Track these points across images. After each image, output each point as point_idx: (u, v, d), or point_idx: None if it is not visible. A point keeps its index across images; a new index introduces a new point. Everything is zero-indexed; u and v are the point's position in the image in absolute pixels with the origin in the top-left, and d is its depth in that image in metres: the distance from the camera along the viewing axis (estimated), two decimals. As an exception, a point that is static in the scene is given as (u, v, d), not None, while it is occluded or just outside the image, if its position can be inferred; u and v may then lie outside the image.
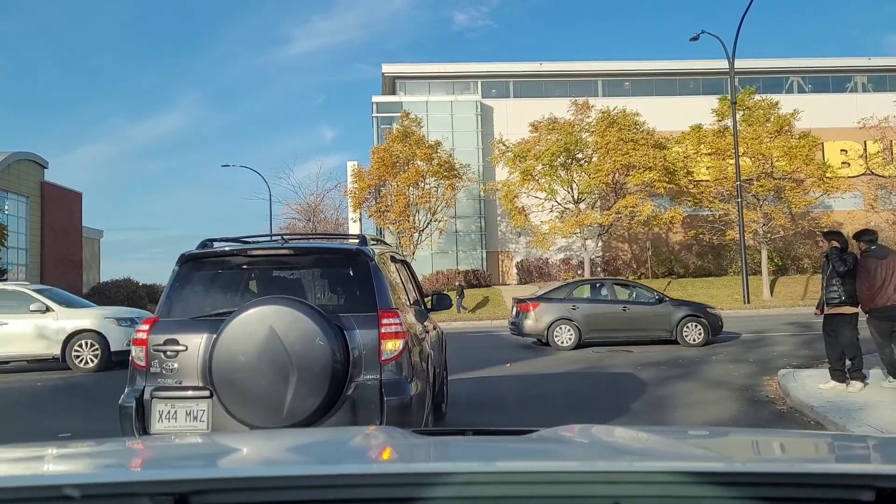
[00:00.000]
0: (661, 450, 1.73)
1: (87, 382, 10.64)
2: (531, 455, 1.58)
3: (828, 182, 32.20)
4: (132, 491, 1.14)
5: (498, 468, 1.34)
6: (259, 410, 3.81)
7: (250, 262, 4.73)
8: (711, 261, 38.03)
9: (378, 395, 4.01)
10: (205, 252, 4.65)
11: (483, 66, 43.24)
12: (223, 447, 1.95)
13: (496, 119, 40.85)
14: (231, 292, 4.64)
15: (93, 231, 54.14)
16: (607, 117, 32.14)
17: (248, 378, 3.80)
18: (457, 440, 1.87)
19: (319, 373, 3.76)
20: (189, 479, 1.20)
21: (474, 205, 40.73)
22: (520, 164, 32.51)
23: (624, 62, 42.99)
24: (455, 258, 40.53)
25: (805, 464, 1.48)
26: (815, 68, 42.69)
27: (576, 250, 37.58)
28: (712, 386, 8.58)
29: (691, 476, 1.14)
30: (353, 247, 4.59)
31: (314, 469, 1.37)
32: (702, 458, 1.55)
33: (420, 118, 34.52)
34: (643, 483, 1.15)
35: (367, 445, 1.83)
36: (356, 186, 33.76)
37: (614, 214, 31.47)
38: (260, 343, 3.78)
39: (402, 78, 43.06)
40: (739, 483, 1.14)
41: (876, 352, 7.38)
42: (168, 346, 4.21)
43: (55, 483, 1.16)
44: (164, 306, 4.47)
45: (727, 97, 35.00)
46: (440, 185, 34.00)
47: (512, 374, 10.26)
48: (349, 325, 4.05)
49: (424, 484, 1.14)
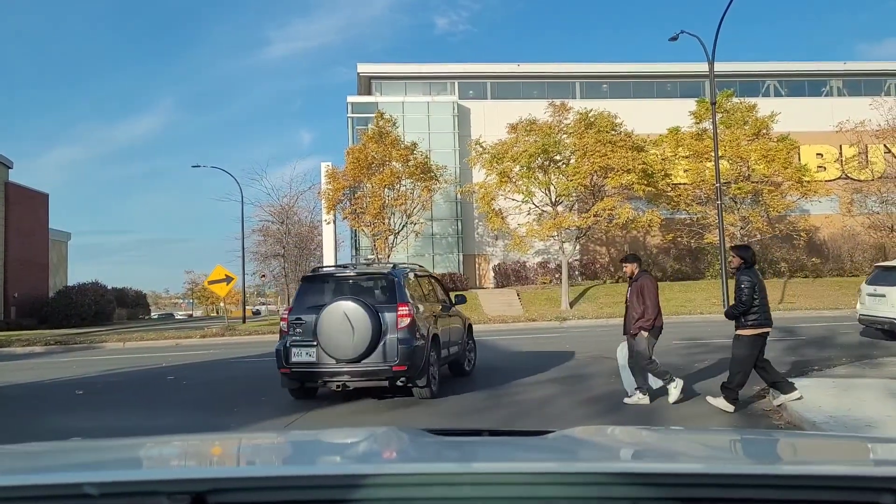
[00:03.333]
0: (677, 451, 1.71)
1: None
2: (546, 456, 1.58)
3: (806, 186, 32.10)
4: (150, 490, 1.15)
5: (512, 468, 1.32)
6: (338, 350, 6.75)
7: (334, 279, 8.80)
8: (689, 264, 37.80)
9: (395, 344, 7.38)
10: (313, 275, 9.07)
11: (460, 67, 42.68)
12: (239, 447, 2.01)
13: (473, 120, 40.33)
14: (325, 294, 8.43)
15: (60, 233, 52.70)
16: (585, 118, 31.74)
17: (332, 335, 6.72)
18: (470, 441, 1.87)
19: (365, 333, 6.56)
20: (206, 478, 1.22)
21: (451, 207, 40.15)
22: (497, 166, 31.96)
23: (602, 64, 42.70)
24: (431, 261, 39.86)
25: (824, 466, 1.44)
26: (792, 72, 42.79)
27: (553, 253, 37.13)
28: (700, 399, 8.03)
29: (709, 478, 1.17)
30: (387, 271, 8.01)
31: (329, 469, 1.40)
32: (720, 460, 1.55)
33: (395, 118, 33.83)
34: (659, 485, 1.15)
35: (382, 445, 1.83)
36: (330, 188, 32.92)
37: (592, 217, 31.02)
38: (338, 318, 6.63)
39: (378, 78, 42.36)
40: (758, 485, 1.14)
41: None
42: (297, 321, 8.12)
43: (74, 481, 1.19)
44: (295, 301, 8.67)
45: (705, 99, 34.82)
46: (416, 187, 33.33)
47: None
48: (382, 310, 7.42)
49: (439, 484, 1.16)
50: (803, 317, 20.36)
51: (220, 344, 19.62)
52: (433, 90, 41.98)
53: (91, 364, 14.85)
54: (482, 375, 10.39)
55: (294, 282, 47.95)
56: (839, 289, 33.97)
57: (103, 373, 12.82)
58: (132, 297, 63.16)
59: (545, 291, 34.66)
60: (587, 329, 19.61)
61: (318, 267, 10.27)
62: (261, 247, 46.98)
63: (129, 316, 58.38)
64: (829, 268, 37.36)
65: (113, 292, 52.45)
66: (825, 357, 11.15)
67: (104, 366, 14.25)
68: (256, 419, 7.39)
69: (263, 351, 16.41)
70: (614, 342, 15.08)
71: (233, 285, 20.83)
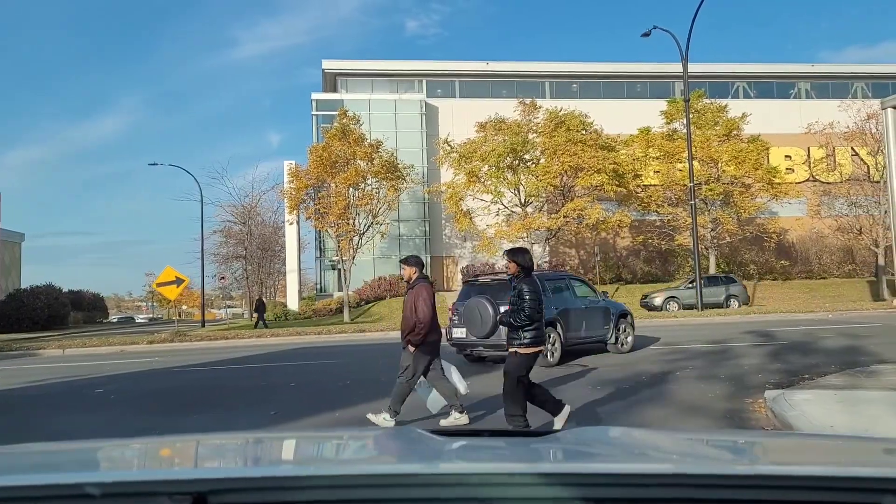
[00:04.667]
0: (679, 452, 1.70)
1: None
2: (547, 456, 1.58)
3: (776, 187, 31.80)
4: (151, 490, 1.15)
5: (514, 469, 1.31)
6: (473, 331, 7.11)
7: (479, 282, 12.31)
8: (659, 266, 37.36)
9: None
10: (468, 279, 13.29)
11: (428, 65, 41.77)
12: (241, 447, 2.02)
13: (441, 119, 39.47)
14: (472, 292, 11.23)
15: (13, 234, 50.49)
16: (555, 117, 31.03)
17: (470, 320, 7.06)
18: (471, 441, 1.82)
19: (489, 319, 6.76)
20: (207, 478, 1.22)
21: (418, 208, 39.21)
22: (465, 165, 31.11)
23: (572, 63, 42.12)
24: (398, 263, 38.85)
25: (825, 467, 1.41)
26: (761, 73, 42.73)
27: (523, 255, 36.44)
28: (687, 411, 7.19)
29: (710, 478, 1.17)
30: (509, 276, 7.68)
31: (332, 469, 1.38)
32: (721, 461, 1.55)
33: (359, 116, 32.74)
34: (661, 485, 1.15)
35: (386, 446, 1.82)
36: (293, 187, 31.68)
37: (562, 218, 30.28)
38: (472, 308, 7.04)
39: (344, 75, 41.23)
40: (760, 486, 1.14)
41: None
42: (455, 310, 12.00)
43: (75, 482, 1.19)
44: (459, 299, 12.24)
45: (676, 99, 34.46)
46: (382, 187, 32.29)
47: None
48: (502, 304, 7.42)
49: (440, 484, 1.16)
50: (779, 320, 19.81)
51: (168, 351, 18.37)
52: (400, 88, 41.01)
53: (19, 374, 13.56)
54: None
55: (256, 284, 46.53)
56: (809, 291, 33.83)
57: (25, 385, 11.56)
58: (89, 300, 60.97)
59: (514, 294, 33.88)
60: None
61: (477, 275, 14.30)
62: (222, 248, 45.47)
63: (86, 320, 56.28)
64: (798, 270, 37.29)
65: (68, 295, 50.44)
66: (811, 364, 10.44)
67: (33, 376, 12.98)
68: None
69: (213, 358, 15.27)
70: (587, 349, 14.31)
71: (184, 287, 19.56)
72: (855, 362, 10.46)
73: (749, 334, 15.40)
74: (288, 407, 8.16)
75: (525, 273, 6.16)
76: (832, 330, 15.98)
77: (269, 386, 10.24)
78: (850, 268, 37.24)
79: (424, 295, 6.82)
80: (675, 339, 14.78)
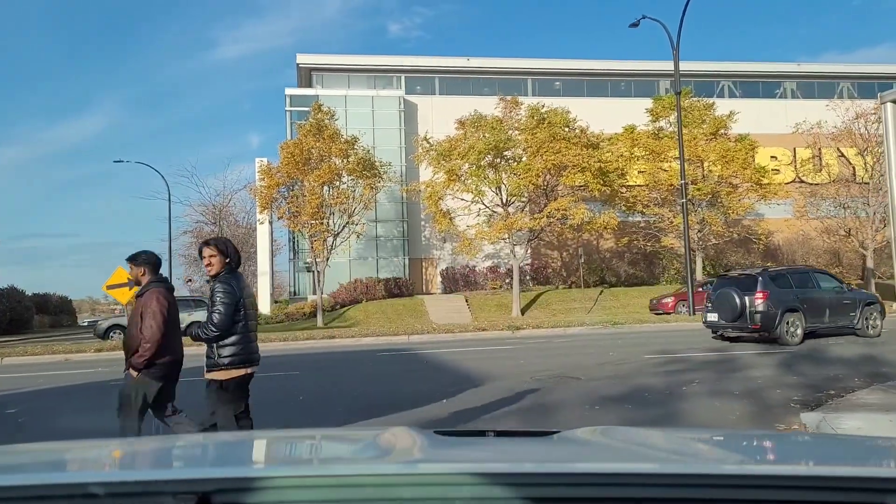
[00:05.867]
0: (682, 451, 1.68)
1: None
2: (552, 456, 1.57)
3: (765, 188, 30.86)
4: (155, 490, 1.14)
5: (519, 469, 1.30)
6: (722, 315, 12.19)
7: (729, 276, 14.72)
8: (644, 269, 36.35)
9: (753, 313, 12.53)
10: (721, 273, 17.80)
11: (407, 60, 40.41)
12: (246, 447, 1.97)
13: (421, 117, 38.17)
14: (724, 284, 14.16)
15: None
16: (537, 113, 29.83)
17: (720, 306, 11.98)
18: (477, 441, 1.85)
19: (738, 307, 11.51)
20: (211, 478, 1.21)
21: (396, 208, 37.85)
22: (444, 164, 29.77)
23: (555, 60, 40.98)
24: (375, 265, 37.50)
25: (830, 467, 1.41)
26: (747, 72, 41.91)
27: (504, 257, 35.23)
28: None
29: (713, 478, 1.15)
30: (757, 272, 12.87)
31: (336, 469, 1.38)
32: (724, 461, 1.52)
33: (335, 111, 31.30)
34: (664, 485, 1.14)
35: (389, 446, 1.75)
36: (263, 184, 30.14)
37: (545, 218, 29.05)
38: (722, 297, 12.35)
39: (320, 70, 39.73)
40: (764, 486, 1.13)
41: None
42: (707, 298, 14.74)
43: (79, 481, 1.18)
44: (713, 288, 14.69)
45: (662, 96, 33.49)
46: (358, 185, 30.88)
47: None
48: (747, 294, 12.38)
49: (446, 484, 1.16)
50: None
51: (116, 359, 16.81)
52: (378, 84, 39.63)
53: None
54: (424, 407, 8.09)
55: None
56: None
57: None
58: (56, 303, 58.83)
59: (495, 297, 32.67)
60: (542, 340, 17.53)
61: (728, 270, 15.80)
62: (192, 249, 43.73)
63: (53, 324, 54.13)
64: (785, 273, 36.47)
65: (33, 298, 48.49)
66: (831, 377, 9.27)
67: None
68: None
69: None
70: (573, 357, 13.05)
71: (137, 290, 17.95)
72: (879, 374, 9.32)
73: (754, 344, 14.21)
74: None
75: (229, 269, 4.63)
76: (844, 337, 14.86)
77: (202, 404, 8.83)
78: (837, 271, 36.43)
79: (155, 306, 4.96)
80: (667, 347, 13.55)
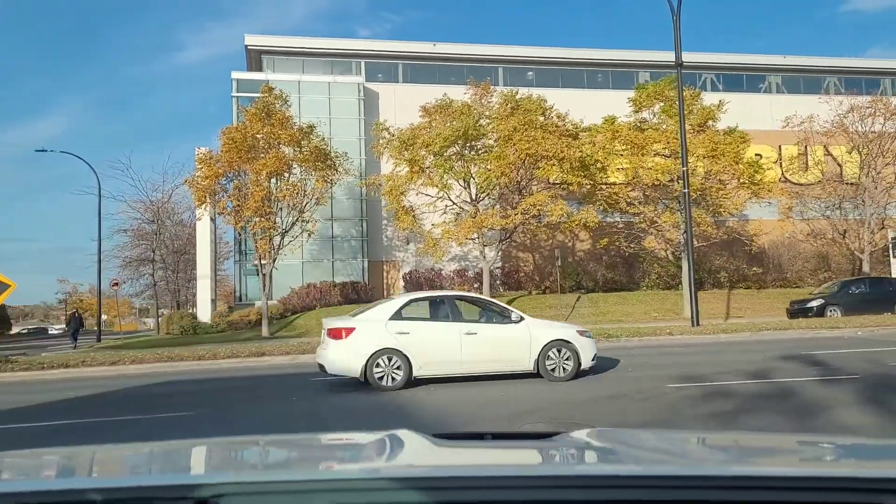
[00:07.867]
0: (683, 454, 1.66)
1: None
2: (552, 459, 1.56)
3: (757, 185, 28.25)
4: (154, 495, 1.16)
5: (519, 472, 1.30)
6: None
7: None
8: (623, 273, 33.60)
9: None
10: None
11: (368, 44, 37.18)
12: (244, 452, 2.00)
13: (382, 106, 34.95)
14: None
15: None
16: (511, 100, 26.87)
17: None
18: (477, 444, 1.85)
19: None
20: (210, 483, 1.21)
21: (355, 206, 34.58)
22: (406, 154, 26.58)
23: (527, 47, 38.05)
24: (331, 268, 34.12)
25: (828, 468, 1.40)
26: (730, 64, 39.49)
27: (473, 260, 32.23)
28: None
29: (713, 480, 1.16)
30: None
31: (335, 473, 1.38)
32: (725, 463, 1.51)
33: (286, 94, 27.96)
34: (665, 487, 1.14)
35: (389, 449, 1.78)
36: (201, 175, 26.56)
37: (520, 215, 26.03)
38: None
39: (271, 52, 36.21)
40: (764, 487, 1.13)
41: None
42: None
43: (79, 487, 1.20)
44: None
45: (645, 85, 30.81)
46: (310, 177, 27.54)
47: None
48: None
49: (447, 488, 1.16)
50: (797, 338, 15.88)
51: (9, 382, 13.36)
52: (336, 69, 36.26)
53: None
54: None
55: (170, 292, 40.94)
56: (787, 301, 30.48)
57: None
58: (-14, 309, 54.23)
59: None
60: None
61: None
62: (130, 250, 39.75)
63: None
64: (772, 278, 34.11)
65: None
66: None
67: None
68: None
69: (7, 402, 10.38)
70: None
71: (9, 293, 14.53)
72: None
73: (786, 360, 11.29)
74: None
75: None
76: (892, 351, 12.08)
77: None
78: (826, 275, 34.20)
79: None
80: (688, 371, 10.55)
